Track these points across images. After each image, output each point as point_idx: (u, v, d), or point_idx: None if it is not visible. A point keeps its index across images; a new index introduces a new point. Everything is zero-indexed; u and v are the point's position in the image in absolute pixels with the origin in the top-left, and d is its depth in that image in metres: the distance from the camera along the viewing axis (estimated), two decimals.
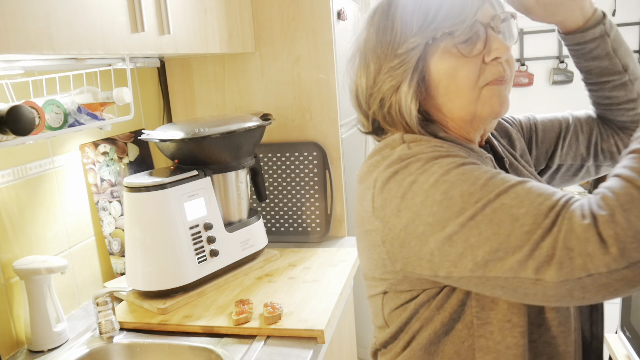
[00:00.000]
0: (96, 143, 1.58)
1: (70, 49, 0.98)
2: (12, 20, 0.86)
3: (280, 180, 1.85)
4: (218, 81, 1.90)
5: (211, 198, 1.51)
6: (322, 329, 1.21)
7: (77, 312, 1.47)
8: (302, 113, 1.83)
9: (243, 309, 1.28)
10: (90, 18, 1.04)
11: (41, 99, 1.17)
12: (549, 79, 2.53)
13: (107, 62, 1.41)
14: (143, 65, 1.75)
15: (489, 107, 0.78)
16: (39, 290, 1.25)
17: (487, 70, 0.77)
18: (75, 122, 1.23)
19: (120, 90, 1.30)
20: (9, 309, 1.28)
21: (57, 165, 1.44)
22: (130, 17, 1.16)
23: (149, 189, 1.38)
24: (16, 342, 1.29)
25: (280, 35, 1.79)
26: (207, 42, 1.50)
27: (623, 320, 1.38)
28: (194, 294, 1.43)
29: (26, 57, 1.13)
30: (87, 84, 1.35)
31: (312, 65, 1.78)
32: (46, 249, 1.38)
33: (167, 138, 1.46)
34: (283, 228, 1.87)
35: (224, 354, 1.18)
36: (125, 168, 1.69)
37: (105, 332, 1.26)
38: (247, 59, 1.85)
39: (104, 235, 1.58)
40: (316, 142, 1.81)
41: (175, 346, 1.24)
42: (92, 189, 1.55)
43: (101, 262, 1.59)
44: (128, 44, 1.16)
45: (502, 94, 0.79)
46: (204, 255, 1.46)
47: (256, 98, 1.87)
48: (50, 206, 1.40)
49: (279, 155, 1.84)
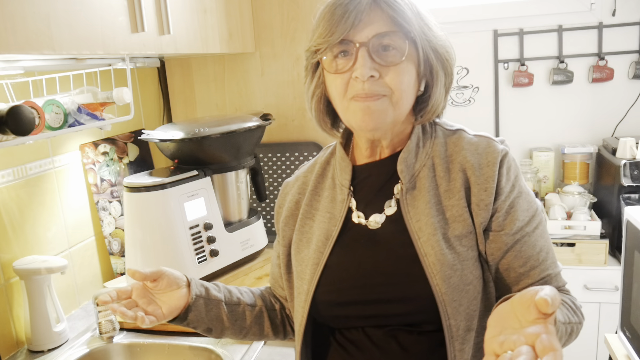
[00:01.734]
0: (96, 143, 1.58)
1: (70, 49, 0.98)
2: (12, 20, 0.86)
3: (280, 180, 1.85)
4: (218, 81, 1.90)
5: (211, 198, 1.51)
6: None
7: (77, 312, 1.47)
8: (302, 113, 1.83)
9: None
10: (90, 18, 1.04)
11: (41, 99, 1.17)
12: (549, 79, 2.52)
13: (107, 62, 1.41)
14: (143, 65, 1.75)
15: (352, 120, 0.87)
16: (39, 290, 1.25)
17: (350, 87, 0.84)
18: (75, 122, 1.23)
19: (120, 90, 1.30)
20: (9, 309, 1.28)
21: (57, 165, 1.44)
22: (130, 17, 1.16)
23: (149, 189, 1.38)
24: (16, 342, 1.29)
25: (280, 35, 1.79)
26: (207, 42, 1.50)
27: (623, 320, 1.38)
28: None
29: (26, 57, 1.13)
30: (87, 84, 1.35)
31: None
32: (46, 249, 1.38)
33: (167, 138, 1.46)
34: None
35: (224, 354, 1.18)
36: (125, 168, 1.69)
37: (105, 332, 1.26)
38: (247, 59, 1.85)
39: (104, 235, 1.58)
40: (316, 142, 1.81)
41: (175, 346, 1.24)
42: (92, 189, 1.55)
43: (101, 262, 1.59)
44: (128, 44, 1.16)
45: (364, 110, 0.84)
46: (204, 255, 1.46)
47: (256, 98, 1.87)
48: (50, 206, 1.40)
49: (279, 155, 1.84)
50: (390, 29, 0.81)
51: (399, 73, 0.82)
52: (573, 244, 2.15)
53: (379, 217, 0.88)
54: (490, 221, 0.85)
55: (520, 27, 2.43)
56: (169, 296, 0.90)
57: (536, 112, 2.55)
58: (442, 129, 0.92)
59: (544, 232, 0.87)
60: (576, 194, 2.27)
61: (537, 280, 0.85)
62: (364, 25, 0.80)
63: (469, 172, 0.86)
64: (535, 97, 2.54)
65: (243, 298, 0.99)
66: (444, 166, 0.88)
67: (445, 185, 0.87)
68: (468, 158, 0.86)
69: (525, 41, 2.46)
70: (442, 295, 0.81)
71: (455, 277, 0.82)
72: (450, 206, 0.85)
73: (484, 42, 2.51)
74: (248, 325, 0.98)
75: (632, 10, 2.37)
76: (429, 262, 0.82)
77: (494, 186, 0.84)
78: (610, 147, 2.26)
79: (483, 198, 0.84)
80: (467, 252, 0.84)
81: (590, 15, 2.41)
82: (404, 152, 0.88)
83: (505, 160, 0.86)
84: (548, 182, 2.52)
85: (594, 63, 2.44)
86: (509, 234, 0.84)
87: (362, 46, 0.80)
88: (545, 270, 0.85)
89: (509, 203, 0.84)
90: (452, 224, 0.84)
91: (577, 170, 2.43)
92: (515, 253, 0.84)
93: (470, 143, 0.88)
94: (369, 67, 0.80)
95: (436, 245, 0.82)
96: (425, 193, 0.86)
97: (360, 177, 0.92)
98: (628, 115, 2.46)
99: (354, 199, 0.91)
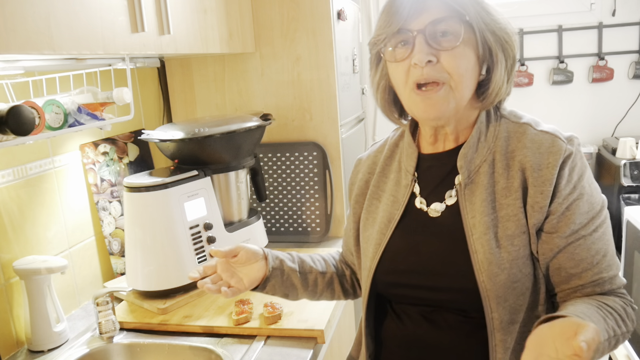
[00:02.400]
0: (96, 143, 1.58)
1: (70, 49, 0.98)
2: (12, 20, 0.86)
3: (280, 180, 1.85)
4: (218, 81, 1.90)
5: (211, 198, 1.51)
6: (322, 329, 1.21)
7: (77, 312, 1.47)
8: (302, 113, 1.83)
9: (243, 309, 1.28)
10: (91, 18, 1.04)
11: (41, 99, 1.17)
12: (549, 79, 2.53)
13: (107, 62, 1.41)
14: (143, 65, 1.75)
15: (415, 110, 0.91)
16: (39, 290, 1.25)
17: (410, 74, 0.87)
18: (75, 122, 1.23)
19: (120, 90, 1.30)
20: (9, 309, 1.28)
21: (57, 165, 1.44)
22: (130, 17, 1.16)
23: (149, 189, 1.38)
24: (16, 342, 1.29)
25: (280, 35, 1.79)
26: (207, 42, 1.50)
27: None
28: (194, 294, 1.43)
29: (26, 57, 1.14)
30: (87, 84, 1.35)
31: (312, 65, 1.78)
32: (46, 249, 1.38)
33: (167, 138, 1.46)
34: (283, 228, 1.87)
35: (224, 354, 1.18)
36: (125, 168, 1.69)
37: (105, 332, 1.26)
38: (247, 59, 1.85)
39: (104, 235, 1.58)
40: (316, 142, 1.81)
41: (175, 346, 1.24)
42: (92, 189, 1.55)
43: (101, 262, 1.59)
44: (128, 44, 1.16)
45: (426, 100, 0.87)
46: (204, 255, 1.46)
47: (256, 98, 1.87)
48: (50, 206, 1.41)
49: (279, 155, 1.84)
50: (445, 14, 0.83)
51: (456, 57, 0.84)
52: None
53: (439, 205, 0.93)
54: (544, 222, 0.85)
55: (520, 27, 2.43)
56: (249, 269, 1.01)
57: (536, 112, 2.55)
58: (508, 121, 0.93)
59: (603, 234, 0.86)
60: None
61: (589, 282, 0.85)
62: (419, 13, 0.83)
63: (528, 173, 0.86)
64: (535, 97, 2.54)
65: (315, 267, 1.09)
66: (504, 163, 0.89)
67: (504, 182, 0.88)
68: (528, 157, 0.86)
69: (525, 41, 2.46)
70: (486, 291, 0.84)
71: (503, 275, 0.84)
72: (506, 205, 0.86)
73: None
74: (320, 290, 1.09)
75: (632, 10, 2.37)
76: (478, 259, 0.85)
77: (550, 189, 0.84)
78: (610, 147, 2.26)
79: (538, 200, 0.84)
80: (518, 251, 0.85)
81: (590, 15, 2.41)
82: (465, 148, 0.90)
83: (569, 162, 0.85)
84: None
85: (594, 63, 2.45)
86: (562, 236, 0.85)
87: (418, 33, 0.83)
88: (598, 273, 0.85)
89: (566, 206, 0.84)
90: (506, 222, 0.86)
91: None
92: (568, 255, 0.85)
93: (534, 141, 0.88)
94: (425, 52, 0.83)
95: (486, 244, 0.85)
96: (483, 190, 0.88)
97: (425, 166, 0.97)
98: (628, 115, 2.46)
99: (417, 185, 0.96)
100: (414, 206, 0.95)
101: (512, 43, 0.88)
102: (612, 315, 0.83)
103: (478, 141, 0.90)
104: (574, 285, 0.86)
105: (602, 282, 0.85)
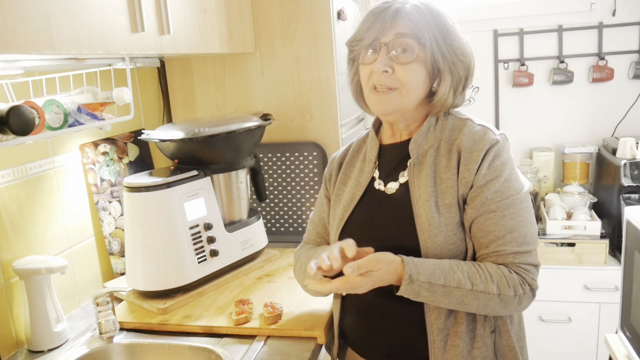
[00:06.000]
0: (96, 143, 1.58)
1: (70, 49, 0.98)
2: (12, 20, 0.86)
3: (280, 180, 1.85)
4: (218, 81, 1.90)
5: (211, 198, 1.51)
6: (322, 329, 1.21)
7: (77, 312, 1.47)
8: (302, 113, 1.83)
9: (243, 309, 1.28)
10: (90, 18, 1.04)
11: (41, 99, 1.17)
12: (549, 79, 2.52)
13: (107, 62, 1.41)
14: (143, 65, 1.75)
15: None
16: (39, 290, 1.25)
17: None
18: (75, 122, 1.23)
19: (120, 90, 1.30)
20: (9, 309, 1.28)
21: (57, 165, 1.44)
22: (130, 17, 1.16)
23: (149, 189, 1.38)
24: (16, 342, 1.29)
25: (280, 35, 1.79)
26: (207, 42, 1.50)
27: (623, 320, 1.38)
28: (194, 294, 1.43)
29: (26, 57, 1.13)
30: (87, 84, 1.35)
31: (312, 65, 1.78)
32: (46, 249, 1.38)
33: (167, 138, 1.46)
34: (283, 228, 1.87)
35: (224, 354, 1.18)
36: (125, 168, 1.69)
37: (105, 332, 1.26)
38: (247, 59, 1.85)
39: (104, 235, 1.58)
40: (316, 142, 1.81)
41: (175, 346, 1.24)
42: (92, 189, 1.55)
43: (101, 262, 1.59)
44: (128, 44, 1.16)
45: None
46: (204, 255, 1.46)
47: (256, 98, 1.87)
48: (50, 206, 1.41)
49: (279, 155, 1.84)
50: (408, 31, 1.02)
51: (408, 71, 1.03)
52: (573, 244, 2.15)
53: (394, 184, 1.12)
54: (467, 196, 1.04)
55: (520, 27, 2.43)
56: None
57: (536, 112, 2.55)
58: (454, 117, 1.12)
59: (515, 215, 1.02)
60: (576, 194, 2.27)
61: (492, 252, 1.02)
62: (389, 29, 1.03)
63: (462, 154, 1.05)
64: (536, 97, 2.54)
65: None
66: (447, 148, 1.08)
67: (445, 162, 1.07)
68: (464, 142, 1.06)
69: (525, 41, 2.46)
70: (427, 249, 1.03)
71: (440, 236, 1.02)
72: (445, 179, 1.06)
73: (484, 42, 2.51)
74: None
75: (632, 10, 2.37)
76: (420, 222, 1.04)
77: (475, 168, 1.03)
78: (610, 147, 2.26)
79: (465, 176, 1.04)
80: (453, 217, 1.04)
81: (590, 15, 2.41)
82: (416, 135, 1.10)
83: (494, 149, 1.04)
84: (548, 182, 2.52)
85: (594, 63, 2.44)
86: (474, 208, 1.03)
87: (384, 45, 1.03)
88: (502, 245, 1.01)
89: (483, 183, 1.02)
90: (444, 193, 1.05)
91: (577, 170, 2.43)
92: (479, 226, 1.03)
93: (471, 131, 1.07)
94: (384, 63, 1.03)
95: (428, 209, 1.04)
96: (428, 168, 1.07)
97: (385, 154, 1.16)
98: (628, 115, 2.46)
99: (378, 171, 1.15)
100: (374, 187, 1.14)
101: (460, 65, 1.05)
102: (479, 274, 0.99)
103: (427, 131, 1.09)
104: (482, 253, 1.04)
105: (505, 254, 1.01)
